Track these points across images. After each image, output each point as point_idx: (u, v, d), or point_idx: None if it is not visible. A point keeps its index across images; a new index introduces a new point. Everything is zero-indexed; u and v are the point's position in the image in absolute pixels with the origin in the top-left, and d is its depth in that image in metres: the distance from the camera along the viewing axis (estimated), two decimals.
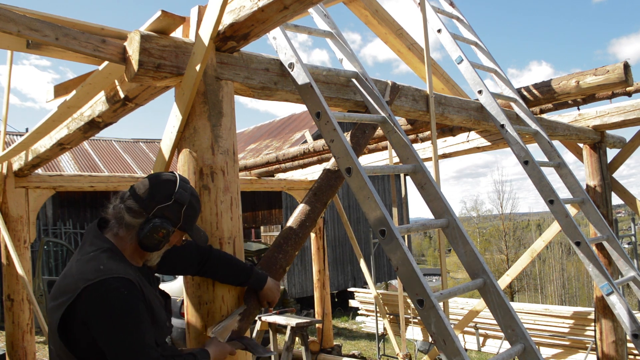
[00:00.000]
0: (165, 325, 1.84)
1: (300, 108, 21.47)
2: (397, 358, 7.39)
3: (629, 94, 4.20)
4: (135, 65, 2.06)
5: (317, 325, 7.48)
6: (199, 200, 1.91)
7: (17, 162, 4.63)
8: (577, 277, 30.91)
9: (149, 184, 1.79)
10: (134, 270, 1.74)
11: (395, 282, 17.80)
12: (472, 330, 8.83)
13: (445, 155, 5.36)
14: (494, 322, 6.75)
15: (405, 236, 6.04)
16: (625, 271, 3.73)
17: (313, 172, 7.38)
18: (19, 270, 4.54)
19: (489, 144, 4.83)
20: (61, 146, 3.76)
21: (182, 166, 2.24)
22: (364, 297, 11.28)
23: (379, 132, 4.13)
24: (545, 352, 7.89)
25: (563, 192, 4.01)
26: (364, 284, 16.32)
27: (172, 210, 1.75)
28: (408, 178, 17.08)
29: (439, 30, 3.92)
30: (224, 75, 2.30)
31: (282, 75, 2.59)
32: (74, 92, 2.79)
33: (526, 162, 3.52)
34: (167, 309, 1.95)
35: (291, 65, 2.52)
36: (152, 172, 2.41)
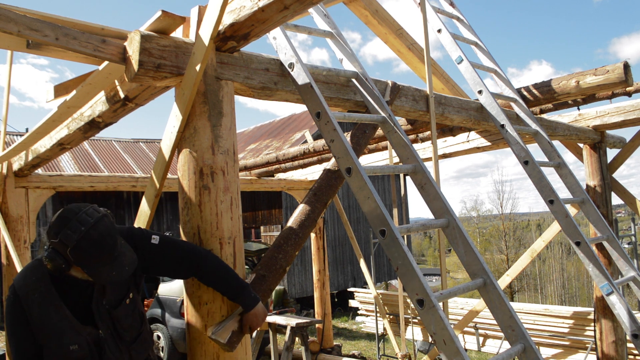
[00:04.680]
0: (67, 339, 1.89)
1: (300, 108, 21.49)
2: (397, 358, 7.39)
3: (629, 94, 4.20)
4: (135, 65, 2.06)
5: (317, 325, 7.48)
6: (99, 243, 1.79)
7: (17, 162, 4.62)
8: (577, 277, 30.91)
9: (54, 216, 1.86)
10: (45, 282, 1.89)
11: (395, 282, 17.80)
12: (472, 330, 8.83)
13: (445, 155, 5.36)
14: (494, 322, 6.74)
15: (405, 236, 6.04)
16: (625, 271, 3.73)
17: (313, 172, 7.38)
18: (19, 270, 4.54)
19: (489, 144, 4.83)
20: (61, 146, 3.75)
21: (182, 166, 2.24)
22: (364, 297, 11.27)
23: (379, 132, 4.13)
24: (545, 352, 7.89)
25: (563, 192, 4.02)
26: (364, 284, 16.31)
27: (60, 247, 1.79)
28: (408, 178, 17.08)
29: (439, 30, 3.92)
30: (224, 75, 2.30)
31: (282, 75, 2.58)
32: (74, 92, 2.78)
33: (526, 162, 3.52)
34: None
35: (291, 65, 2.52)
36: (152, 172, 2.42)
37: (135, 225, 2.57)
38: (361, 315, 11.71)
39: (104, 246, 1.80)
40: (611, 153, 5.07)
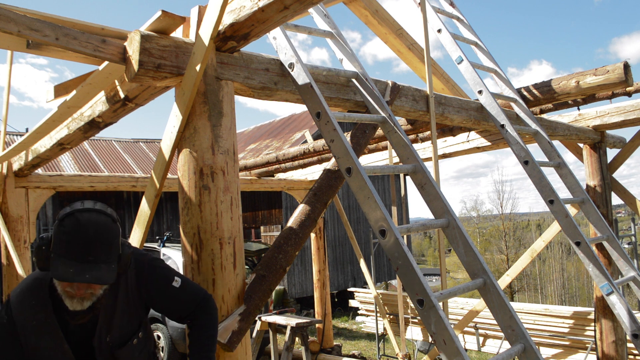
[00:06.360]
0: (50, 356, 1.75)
1: (300, 108, 21.47)
2: (397, 358, 7.39)
3: (629, 94, 4.20)
4: (135, 65, 2.06)
5: (317, 325, 7.47)
6: (81, 229, 1.60)
7: (17, 162, 4.62)
8: (577, 277, 30.91)
9: None
10: (46, 309, 1.73)
11: (395, 282, 17.79)
12: (472, 330, 8.82)
13: (445, 155, 5.36)
14: (494, 322, 6.73)
15: (405, 236, 6.04)
16: (625, 271, 3.73)
17: (313, 172, 7.38)
18: (19, 270, 4.54)
19: (489, 144, 4.83)
20: (61, 146, 3.76)
21: (182, 166, 2.24)
22: (364, 297, 11.27)
23: (379, 132, 4.13)
24: (545, 352, 7.89)
25: (563, 192, 4.02)
26: (364, 284, 16.31)
27: (55, 227, 1.64)
28: (408, 178, 17.08)
29: (439, 30, 3.92)
30: (224, 75, 2.30)
31: (282, 75, 2.59)
32: (74, 92, 2.79)
33: (526, 162, 3.52)
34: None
35: (291, 65, 2.52)
36: (152, 172, 2.42)
37: (135, 225, 2.57)
38: (361, 315, 11.71)
39: (84, 236, 1.58)
40: (611, 153, 5.08)
